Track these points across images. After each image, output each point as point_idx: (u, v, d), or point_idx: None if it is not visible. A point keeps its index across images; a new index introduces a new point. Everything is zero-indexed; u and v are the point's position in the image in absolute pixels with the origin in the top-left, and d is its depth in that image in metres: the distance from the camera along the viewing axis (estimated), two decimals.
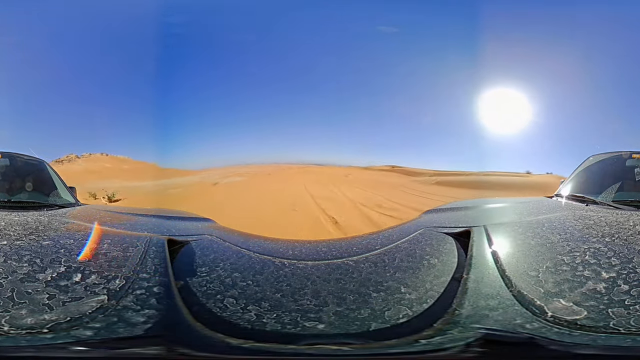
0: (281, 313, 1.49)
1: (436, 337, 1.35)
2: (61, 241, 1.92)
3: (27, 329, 1.28)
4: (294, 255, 2.16)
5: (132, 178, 5.96)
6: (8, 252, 1.71)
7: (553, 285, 1.51)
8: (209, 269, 1.82)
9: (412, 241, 2.21)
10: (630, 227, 2.07)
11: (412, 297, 1.58)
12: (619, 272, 1.57)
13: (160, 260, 1.79)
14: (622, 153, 3.16)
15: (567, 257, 1.70)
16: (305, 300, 1.58)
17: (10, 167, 3.05)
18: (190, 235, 2.42)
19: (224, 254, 2.07)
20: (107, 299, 1.43)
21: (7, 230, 2.01)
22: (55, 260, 1.67)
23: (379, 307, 1.52)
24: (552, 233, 2.02)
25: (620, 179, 2.93)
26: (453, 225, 2.46)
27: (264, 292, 1.63)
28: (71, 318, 1.33)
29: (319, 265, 1.96)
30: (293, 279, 1.78)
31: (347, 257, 2.04)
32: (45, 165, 3.29)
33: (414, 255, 2.01)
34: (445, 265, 1.85)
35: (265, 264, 1.94)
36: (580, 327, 1.32)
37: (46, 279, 1.52)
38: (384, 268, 1.86)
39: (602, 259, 1.67)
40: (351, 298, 1.59)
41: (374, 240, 2.40)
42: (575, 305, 1.40)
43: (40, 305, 1.38)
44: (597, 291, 1.47)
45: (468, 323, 1.38)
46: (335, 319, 1.47)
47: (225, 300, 1.55)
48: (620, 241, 1.87)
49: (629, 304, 1.40)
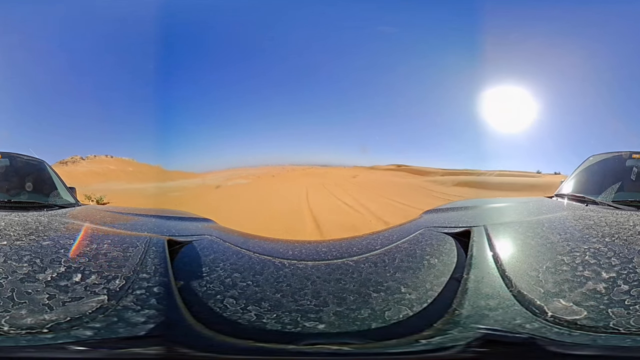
0: (281, 313, 1.49)
1: (436, 337, 1.35)
2: (61, 241, 1.92)
3: (27, 329, 1.28)
4: (294, 255, 2.16)
5: (135, 180, 5.87)
6: (8, 252, 1.71)
7: (553, 285, 1.51)
8: (209, 269, 1.82)
9: (412, 241, 2.21)
10: (630, 227, 2.07)
11: (412, 297, 1.58)
12: (619, 272, 1.57)
13: (160, 260, 1.79)
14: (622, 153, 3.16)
15: (567, 257, 1.70)
16: (305, 300, 1.58)
17: (10, 167, 3.06)
18: (190, 236, 2.43)
19: (224, 254, 2.07)
20: (107, 299, 1.43)
21: (7, 230, 2.01)
22: (55, 260, 1.67)
23: (379, 307, 1.52)
24: (552, 233, 2.02)
25: (620, 179, 2.93)
26: (453, 225, 2.46)
27: (264, 292, 1.63)
28: (71, 318, 1.33)
29: (319, 265, 1.96)
30: (293, 279, 1.78)
31: (347, 257, 2.04)
32: (45, 165, 3.29)
33: (414, 255, 2.01)
34: (445, 265, 1.85)
35: (265, 264, 1.94)
36: (580, 327, 1.32)
37: (46, 279, 1.52)
38: (384, 268, 1.86)
39: (602, 259, 1.67)
40: (351, 298, 1.58)
41: (374, 240, 2.40)
42: (575, 305, 1.40)
43: (40, 305, 1.38)
44: (597, 291, 1.47)
45: (468, 323, 1.38)
46: (336, 319, 1.47)
47: (225, 301, 1.55)
48: (620, 241, 1.87)
49: (629, 304, 1.40)
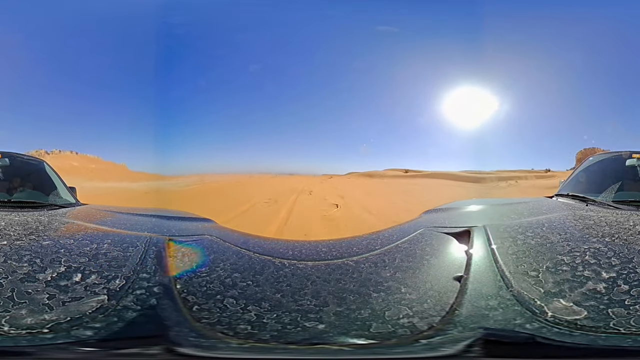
0: (281, 313, 1.49)
1: (436, 337, 1.35)
2: (61, 241, 1.92)
3: (27, 329, 1.28)
4: (294, 255, 2.16)
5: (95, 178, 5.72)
6: (8, 252, 1.71)
7: (553, 285, 1.51)
8: (209, 269, 1.82)
9: (412, 241, 2.21)
10: (630, 227, 2.07)
11: (412, 297, 1.58)
12: (619, 272, 1.57)
13: (160, 260, 1.79)
14: (622, 153, 3.16)
15: (567, 257, 1.70)
16: (305, 300, 1.58)
17: (10, 167, 3.06)
18: (190, 236, 2.43)
19: (224, 254, 2.07)
20: (107, 299, 1.43)
21: (7, 230, 2.01)
22: (55, 260, 1.67)
23: (379, 307, 1.52)
24: (552, 233, 2.02)
25: (620, 179, 2.93)
26: (453, 225, 2.46)
27: (264, 292, 1.63)
28: (71, 318, 1.33)
29: (319, 265, 1.96)
30: (293, 279, 1.78)
31: (347, 257, 2.04)
32: (45, 165, 3.29)
33: (414, 255, 2.01)
34: (445, 265, 1.85)
35: (265, 264, 1.94)
36: (580, 327, 1.32)
37: (46, 279, 1.52)
38: (384, 268, 1.86)
39: (602, 259, 1.67)
40: (351, 298, 1.58)
41: (374, 240, 2.40)
42: (575, 305, 1.40)
43: (40, 305, 1.38)
44: (597, 291, 1.47)
45: (468, 323, 1.38)
46: (336, 319, 1.47)
47: (225, 301, 1.55)
48: (620, 241, 1.87)
49: (629, 304, 1.40)
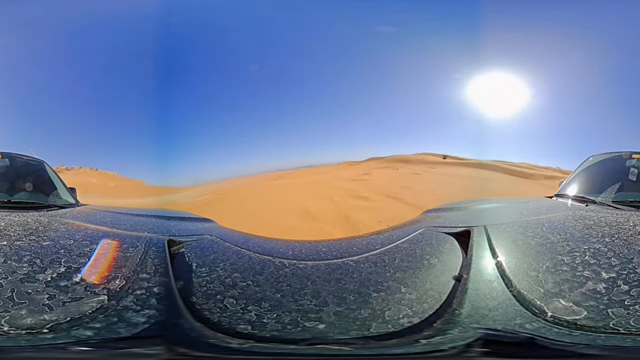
0: (281, 313, 1.49)
1: (436, 337, 1.35)
2: (61, 241, 1.92)
3: (27, 329, 1.28)
4: (294, 255, 2.16)
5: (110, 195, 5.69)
6: (8, 252, 1.71)
7: (553, 285, 1.51)
8: (209, 269, 1.82)
9: (412, 241, 2.21)
10: (630, 227, 2.07)
11: (412, 297, 1.58)
12: (619, 272, 1.57)
13: (160, 260, 1.79)
14: (622, 153, 3.16)
15: (567, 257, 1.70)
16: (305, 300, 1.58)
17: (10, 167, 3.06)
18: (190, 236, 2.43)
19: (224, 254, 2.07)
20: (107, 299, 1.43)
21: (7, 231, 2.01)
22: (55, 260, 1.67)
23: (379, 307, 1.52)
24: (552, 233, 2.02)
25: (620, 179, 2.93)
26: (453, 225, 2.46)
27: (264, 292, 1.63)
28: (71, 318, 1.33)
29: (319, 265, 1.96)
30: (293, 279, 1.78)
31: (347, 257, 2.04)
32: (45, 166, 3.29)
33: (414, 255, 2.01)
34: (445, 265, 1.85)
35: (265, 264, 1.93)
36: (580, 327, 1.32)
37: (46, 279, 1.52)
38: (384, 268, 1.86)
39: (602, 259, 1.67)
40: (351, 298, 1.58)
41: (374, 240, 2.40)
42: (575, 305, 1.40)
43: (40, 305, 1.38)
44: (597, 291, 1.47)
45: (468, 323, 1.38)
46: (336, 319, 1.47)
47: (225, 301, 1.55)
48: (620, 241, 1.87)
49: (629, 304, 1.40)
